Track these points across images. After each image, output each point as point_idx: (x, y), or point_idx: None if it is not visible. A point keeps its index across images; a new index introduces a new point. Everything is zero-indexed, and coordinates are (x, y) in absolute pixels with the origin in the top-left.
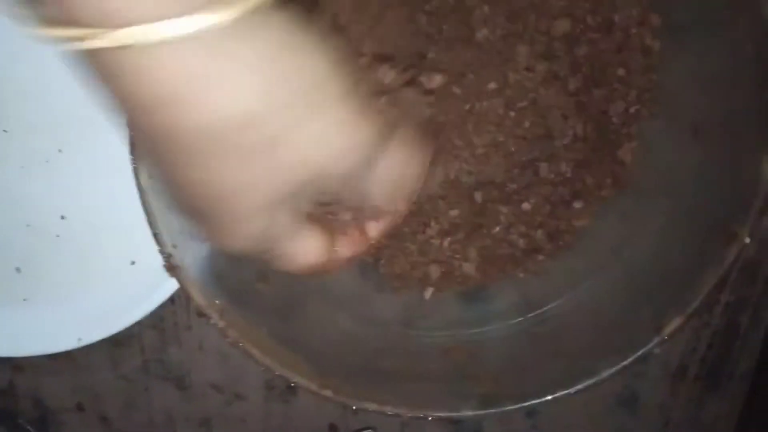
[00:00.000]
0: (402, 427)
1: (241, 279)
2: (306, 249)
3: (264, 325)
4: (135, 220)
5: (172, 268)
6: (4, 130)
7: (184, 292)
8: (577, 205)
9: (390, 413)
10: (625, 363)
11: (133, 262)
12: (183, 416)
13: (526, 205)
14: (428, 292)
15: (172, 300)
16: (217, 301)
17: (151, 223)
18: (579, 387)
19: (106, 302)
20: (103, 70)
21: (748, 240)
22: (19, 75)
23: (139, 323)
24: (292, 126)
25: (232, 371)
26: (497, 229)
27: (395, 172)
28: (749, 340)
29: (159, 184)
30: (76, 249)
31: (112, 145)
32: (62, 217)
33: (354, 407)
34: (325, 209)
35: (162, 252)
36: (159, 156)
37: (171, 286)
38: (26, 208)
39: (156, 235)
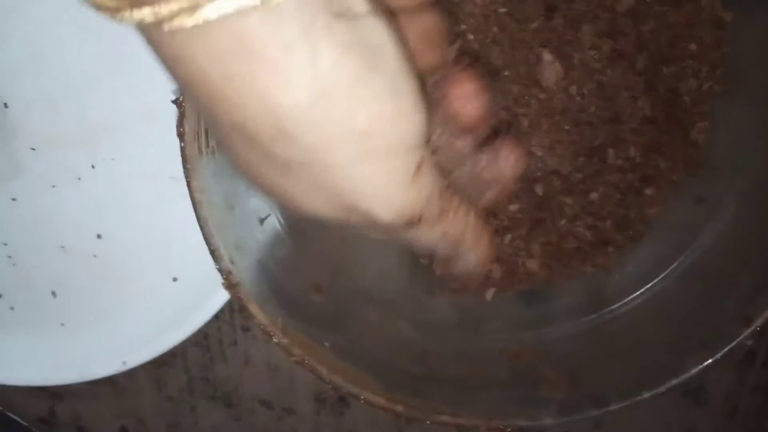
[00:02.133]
0: None
1: (297, 291)
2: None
3: (324, 338)
4: (175, 234)
5: (232, 286)
6: (32, 148)
7: (229, 306)
8: (649, 191)
9: (465, 424)
10: (716, 357)
11: (175, 279)
12: None
13: (593, 195)
14: (490, 293)
15: (216, 315)
16: (279, 319)
17: (208, 239)
18: (666, 387)
19: (149, 322)
20: (182, 50)
21: None
22: (46, 87)
23: (182, 341)
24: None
25: (281, 385)
26: (562, 222)
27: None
28: None
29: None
30: (115, 268)
31: (146, 157)
32: (98, 236)
33: (428, 422)
34: None
35: (220, 270)
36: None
37: (216, 301)
38: (60, 228)
39: (213, 252)
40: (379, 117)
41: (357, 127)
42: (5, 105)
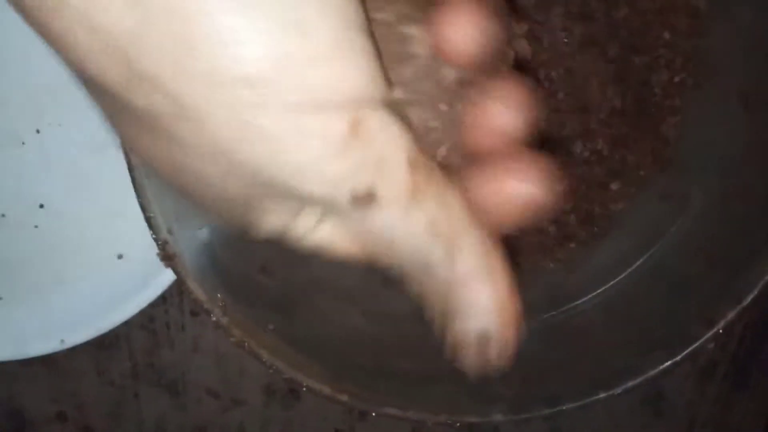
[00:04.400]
0: None
1: (242, 271)
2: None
3: (270, 321)
4: (123, 208)
5: (168, 258)
6: None
7: (178, 287)
8: (614, 186)
9: (414, 419)
10: (676, 359)
11: (120, 256)
12: (176, 424)
13: (557, 187)
14: None
15: (163, 298)
16: (219, 295)
17: (144, 206)
18: (622, 388)
19: (91, 300)
20: None
21: None
22: None
23: (127, 323)
24: None
25: (230, 375)
26: None
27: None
28: None
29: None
30: (57, 241)
31: (95, 125)
32: (41, 206)
33: (373, 413)
34: None
35: (156, 239)
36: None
37: (163, 281)
38: (1, 195)
39: (149, 219)
40: (280, 59)
41: (246, 72)
42: None
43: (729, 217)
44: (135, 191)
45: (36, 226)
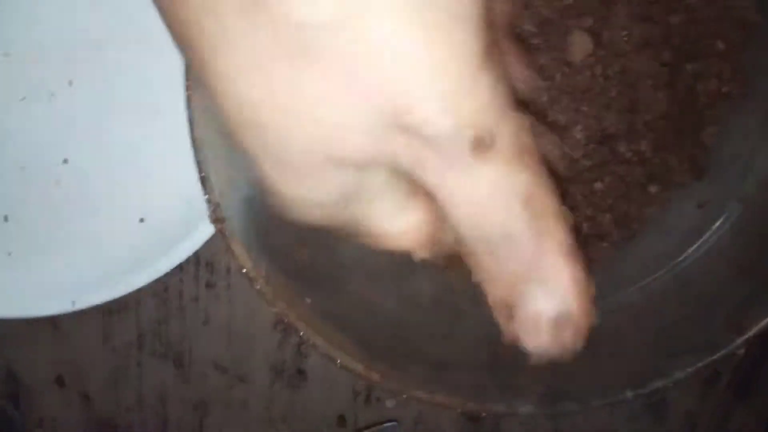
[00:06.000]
0: (415, 424)
1: (282, 242)
2: (400, 228)
3: (308, 296)
4: (150, 171)
5: (218, 220)
6: (6, 54)
7: (195, 258)
8: (653, 189)
9: (441, 403)
10: (702, 364)
11: (142, 219)
12: (177, 397)
13: (598, 185)
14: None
15: (180, 267)
16: (263, 265)
17: (200, 164)
18: (650, 388)
19: (107, 262)
20: None
21: None
22: None
23: (138, 289)
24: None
25: (238, 351)
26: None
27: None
28: None
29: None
30: (77, 199)
31: (132, 84)
32: (65, 161)
33: (404, 396)
34: None
35: (209, 200)
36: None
37: (183, 250)
38: (22, 147)
39: (203, 179)
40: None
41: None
42: None
43: (761, 227)
44: (193, 146)
45: (57, 182)
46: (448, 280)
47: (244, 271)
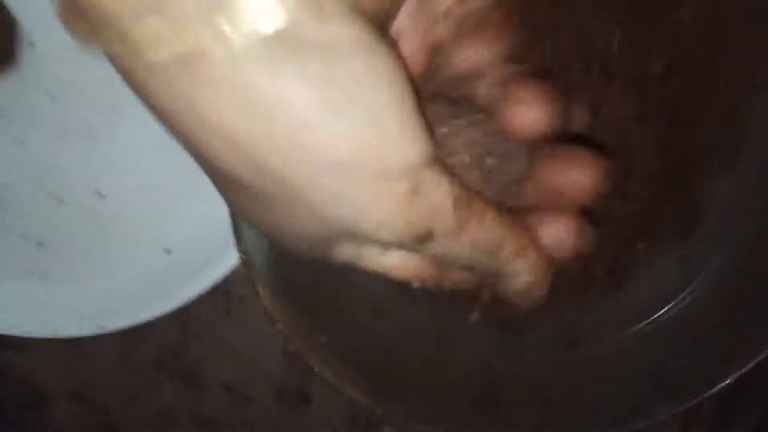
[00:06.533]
0: None
1: (301, 282)
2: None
3: (323, 334)
4: (177, 207)
5: (247, 266)
6: (52, 96)
7: (218, 288)
8: (640, 246)
9: None
10: (683, 407)
11: (168, 251)
12: (186, 415)
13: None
14: (475, 316)
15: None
16: (283, 306)
17: (234, 215)
18: (627, 429)
19: (134, 290)
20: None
21: None
22: None
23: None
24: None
25: (248, 374)
26: None
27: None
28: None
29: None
30: (110, 230)
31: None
32: (100, 195)
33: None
34: None
35: (239, 249)
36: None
37: (205, 282)
38: (61, 180)
39: (236, 229)
40: (361, 147)
41: (337, 158)
42: (31, 44)
43: (744, 283)
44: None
45: (91, 213)
46: (440, 320)
47: (265, 311)
